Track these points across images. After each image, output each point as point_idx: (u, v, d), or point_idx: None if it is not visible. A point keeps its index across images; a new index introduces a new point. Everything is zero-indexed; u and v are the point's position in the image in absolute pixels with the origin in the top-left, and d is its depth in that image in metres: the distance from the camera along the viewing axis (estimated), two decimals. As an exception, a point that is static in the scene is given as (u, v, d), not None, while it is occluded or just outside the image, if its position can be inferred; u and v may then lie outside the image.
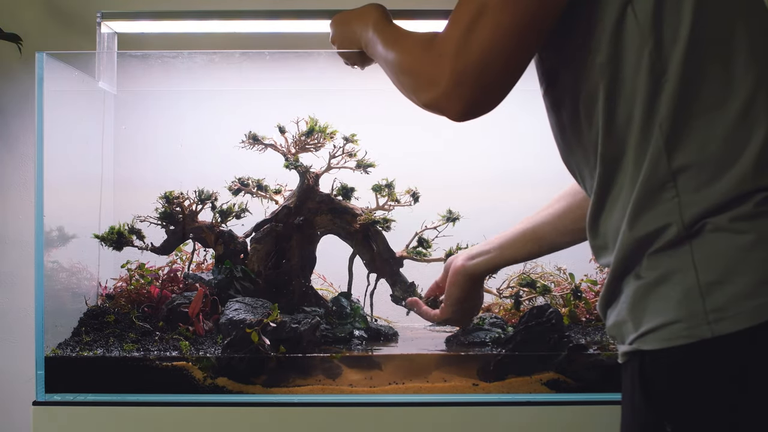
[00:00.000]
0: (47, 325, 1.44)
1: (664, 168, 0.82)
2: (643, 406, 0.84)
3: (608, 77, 0.86)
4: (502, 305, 1.67)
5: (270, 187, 1.68)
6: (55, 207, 1.49)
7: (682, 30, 0.83)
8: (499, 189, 1.82)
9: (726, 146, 0.81)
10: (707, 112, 0.82)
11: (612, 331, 0.90)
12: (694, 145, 0.82)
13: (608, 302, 0.91)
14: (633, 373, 0.85)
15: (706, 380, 0.79)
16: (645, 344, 0.83)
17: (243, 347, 1.39)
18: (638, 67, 0.84)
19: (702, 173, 0.81)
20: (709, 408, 0.79)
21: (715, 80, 0.83)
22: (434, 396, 1.41)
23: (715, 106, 0.82)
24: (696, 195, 0.81)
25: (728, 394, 0.78)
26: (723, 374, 0.79)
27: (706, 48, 0.83)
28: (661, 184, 0.82)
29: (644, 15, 0.83)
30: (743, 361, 0.78)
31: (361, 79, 1.36)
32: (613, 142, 0.87)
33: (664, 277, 0.82)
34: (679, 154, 0.82)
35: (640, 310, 0.84)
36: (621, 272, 0.87)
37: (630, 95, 0.85)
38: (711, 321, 0.78)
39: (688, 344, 0.79)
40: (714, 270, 0.79)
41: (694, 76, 0.83)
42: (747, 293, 0.77)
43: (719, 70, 0.83)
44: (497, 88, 0.88)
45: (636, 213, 0.84)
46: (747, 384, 0.78)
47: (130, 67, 1.81)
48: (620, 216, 0.87)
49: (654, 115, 0.83)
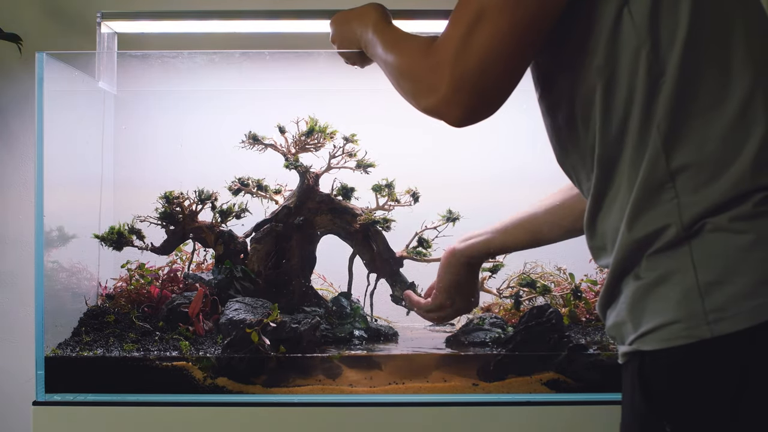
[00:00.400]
0: (47, 325, 1.44)
1: (662, 169, 0.82)
2: (643, 407, 0.84)
3: (605, 79, 0.86)
4: (502, 305, 1.67)
5: (270, 187, 1.68)
6: (55, 207, 1.49)
7: (679, 31, 0.83)
8: (499, 189, 1.82)
9: (724, 146, 0.81)
10: (705, 113, 0.82)
11: (612, 332, 0.90)
12: (692, 146, 0.82)
13: (608, 303, 0.91)
14: (633, 373, 0.85)
15: (705, 380, 0.79)
16: (644, 344, 0.83)
17: (243, 347, 1.39)
18: (635, 69, 0.84)
19: (701, 173, 0.81)
20: (708, 408, 0.79)
21: (713, 81, 0.83)
22: (434, 396, 1.41)
23: (713, 106, 0.82)
24: (695, 195, 0.81)
25: (727, 395, 0.78)
26: (722, 374, 0.79)
27: (703, 49, 0.83)
28: (660, 185, 0.82)
29: (640, 16, 0.83)
30: (742, 361, 0.78)
31: (361, 79, 1.36)
32: (611, 144, 0.87)
33: (663, 277, 0.82)
34: (677, 154, 0.82)
35: (640, 311, 0.84)
36: (620, 273, 0.87)
37: (627, 97, 0.85)
38: (710, 321, 0.78)
39: (688, 344, 0.79)
40: (713, 270, 0.79)
41: (692, 77, 0.82)
42: (746, 293, 0.77)
43: (716, 71, 0.83)
44: (496, 93, 0.88)
45: (635, 214, 0.84)
46: (746, 384, 0.77)
47: (130, 67, 1.81)
48: (618, 217, 0.87)
49: (652, 117, 0.83)
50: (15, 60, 1.84)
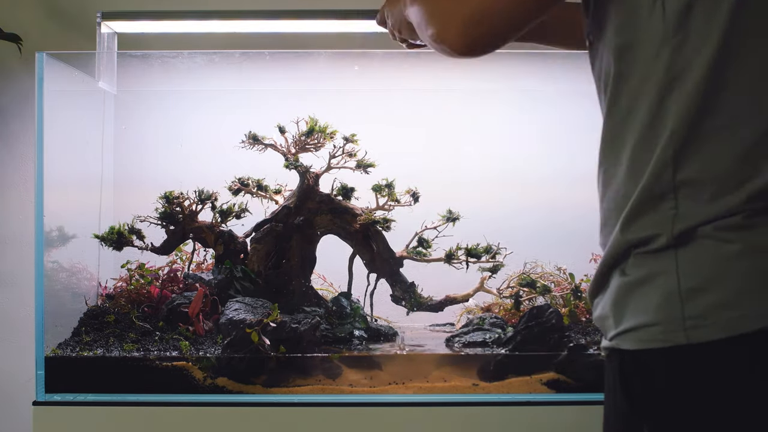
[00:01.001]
0: (47, 325, 1.44)
1: (667, 179, 0.81)
2: (625, 406, 0.85)
3: (621, 62, 0.85)
4: (502, 305, 1.67)
5: (270, 187, 1.68)
6: (55, 207, 1.49)
7: (711, 39, 0.79)
8: (499, 189, 1.82)
9: (735, 168, 0.79)
10: (723, 130, 0.80)
11: (597, 323, 0.91)
12: (702, 161, 0.80)
13: (596, 291, 0.91)
14: (614, 371, 0.86)
15: (680, 385, 0.79)
16: (623, 343, 0.83)
17: (243, 347, 1.39)
18: (653, 63, 0.82)
19: (704, 190, 0.80)
20: (683, 413, 0.80)
21: (740, 98, 0.80)
22: (434, 396, 1.41)
23: (734, 124, 0.80)
24: (693, 209, 0.80)
25: (701, 402, 0.78)
26: (696, 381, 0.79)
27: (734, 64, 0.80)
28: (662, 194, 0.82)
29: (673, 12, 0.81)
30: (715, 370, 0.78)
31: (361, 79, 1.36)
32: (615, 126, 0.86)
33: (647, 277, 0.82)
34: (686, 167, 0.81)
35: (622, 306, 0.84)
36: (610, 265, 0.87)
37: (636, 88, 0.84)
38: (687, 327, 0.78)
39: (664, 348, 0.79)
40: (696, 277, 0.79)
41: (717, 90, 0.80)
42: (725, 303, 0.77)
43: (746, 88, 0.80)
44: (502, 35, 0.90)
45: (632, 216, 0.84)
46: (719, 392, 0.78)
47: (130, 67, 1.81)
48: (613, 198, 0.87)
49: (662, 118, 0.82)
50: (15, 60, 1.84)
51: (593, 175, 0.92)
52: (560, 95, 1.72)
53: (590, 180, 0.95)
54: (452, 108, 1.78)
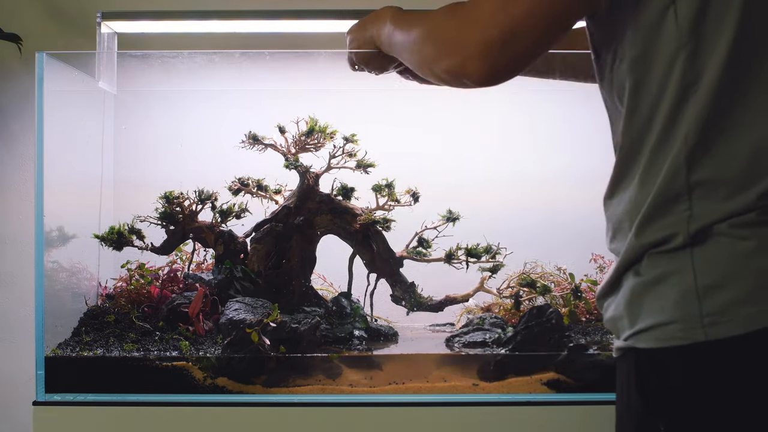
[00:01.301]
0: (47, 325, 1.44)
1: (681, 180, 0.82)
2: (640, 405, 0.84)
3: (638, 73, 0.85)
4: (502, 305, 1.67)
5: (270, 187, 1.68)
6: (55, 207, 1.49)
7: (723, 42, 0.80)
8: (499, 189, 1.82)
9: (749, 167, 0.80)
10: (736, 130, 0.81)
11: (608, 325, 0.91)
12: (716, 162, 0.81)
13: (607, 294, 0.91)
14: (629, 370, 0.86)
15: (698, 382, 0.80)
16: (640, 342, 0.83)
17: (243, 347, 1.39)
18: (669, 72, 0.82)
19: (719, 190, 0.81)
20: (700, 410, 0.80)
21: (752, 98, 0.81)
22: (434, 396, 1.41)
23: (748, 124, 0.80)
24: (707, 208, 0.81)
25: (719, 398, 0.79)
26: (715, 378, 0.79)
27: (746, 64, 0.81)
28: (676, 196, 0.82)
29: (685, 19, 0.81)
30: (734, 367, 0.78)
31: (361, 79, 1.36)
32: (632, 138, 0.86)
33: (662, 276, 0.82)
34: (699, 168, 0.81)
35: (637, 307, 0.84)
36: (624, 269, 0.88)
37: (655, 97, 0.84)
38: (706, 324, 0.78)
39: (683, 345, 0.80)
40: (712, 274, 0.79)
41: (729, 92, 0.81)
42: (743, 300, 0.77)
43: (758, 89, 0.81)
44: (522, 59, 0.88)
45: (646, 221, 0.84)
46: (738, 390, 0.78)
47: (130, 67, 1.81)
48: (626, 209, 0.87)
49: (677, 124, 0.82)
50: (15, 60, 1.84)
51: (593, 176, 0.93)
52: (560, 95, 1.72)
53: (590, 180, 0.96)
54: (452, 108, 1.78)
